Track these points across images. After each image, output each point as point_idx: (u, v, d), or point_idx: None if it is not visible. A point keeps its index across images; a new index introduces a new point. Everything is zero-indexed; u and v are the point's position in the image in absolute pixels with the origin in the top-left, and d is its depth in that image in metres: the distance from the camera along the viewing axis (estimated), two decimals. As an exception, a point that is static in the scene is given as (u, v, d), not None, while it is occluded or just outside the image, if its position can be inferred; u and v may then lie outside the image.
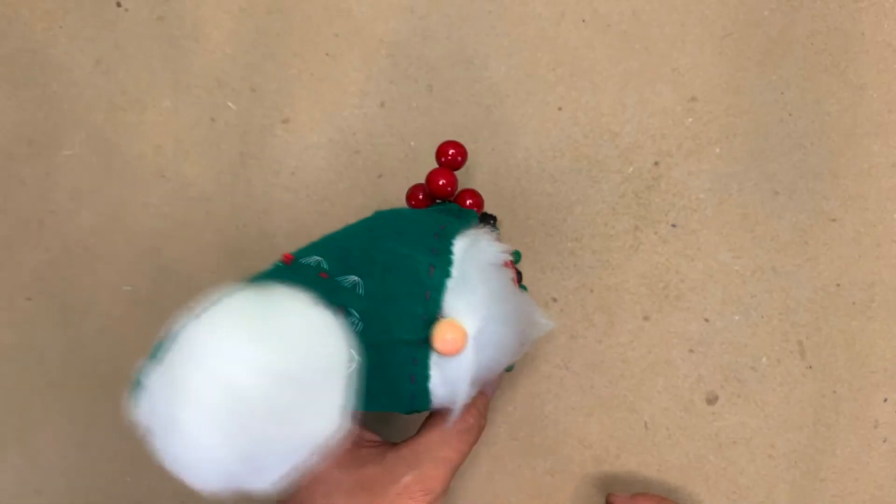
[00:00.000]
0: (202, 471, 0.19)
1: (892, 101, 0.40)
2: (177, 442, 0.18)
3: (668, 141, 0.40)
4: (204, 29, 0.40)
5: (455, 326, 0.24)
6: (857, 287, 0.40)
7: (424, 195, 0.33)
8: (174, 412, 0.18)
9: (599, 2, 0.40)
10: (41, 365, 0.39)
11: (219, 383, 0.18)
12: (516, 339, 0.27)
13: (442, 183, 0.31)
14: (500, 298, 0.26)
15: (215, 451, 0.18)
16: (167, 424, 0.18)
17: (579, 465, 0.39)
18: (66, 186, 0.39)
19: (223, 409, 0.18)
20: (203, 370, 0.18)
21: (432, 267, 0.25)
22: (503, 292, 0.26)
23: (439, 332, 0.24)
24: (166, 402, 0.18)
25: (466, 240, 0.27)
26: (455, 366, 0.25)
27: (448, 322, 0.24)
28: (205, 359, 0.18)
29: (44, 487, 0.39)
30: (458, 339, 0.24)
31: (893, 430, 0.40)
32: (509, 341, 0.26)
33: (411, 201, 0.33)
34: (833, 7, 0.41)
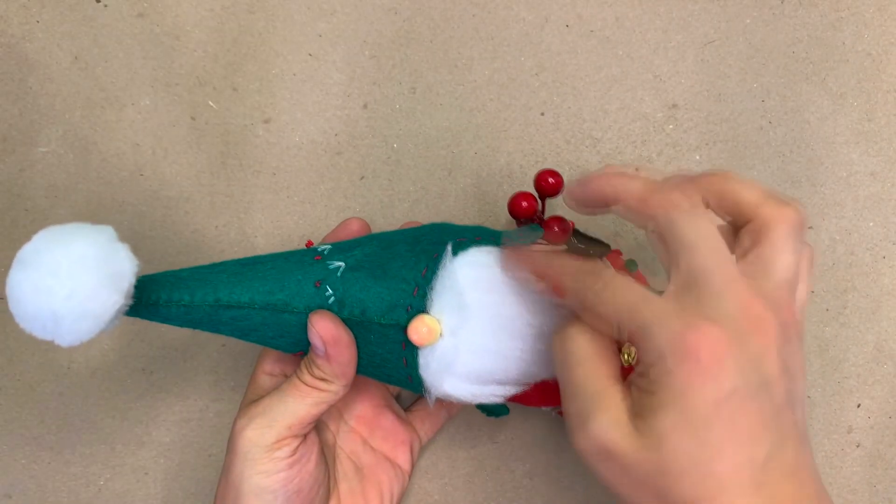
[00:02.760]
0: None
1: (872, 110, 0.41)
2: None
3: (648, 147, 0.40)
4: (185, 27, 0.39)
5: (430, 321, 0.28)
6: (830, 294, 0.40)
7: (529, 202, 0.33)
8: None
9: (583, 7, 0.40)
10: (12, 365, 0.38)
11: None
12: (527, 357, 0.29)
13: (551, 181, 0.33)
14: (490, 310, 0.29)
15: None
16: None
17: (557, 468, 0.39)
18: (41, 184, 0.39)
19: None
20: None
21: (426, 268, 0.29)
22: (498, 306, 0.29)
23: (414, 323, 0.28)
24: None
25: (476, 253, 0.30)
26: (436, 357, 0.29)
27: (425, 318, 0.28)
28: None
29: (13, 492, 0.38)
30: (430, 332, 0.28)
31: (867, 436, 0.40)
32: (508, 353, 0.29)
33: (514, 208, 0.33)
34: (814, 16, 0.41)
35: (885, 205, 0.41)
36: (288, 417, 0.29)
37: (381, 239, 0.31)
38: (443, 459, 0.39)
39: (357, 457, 0.35)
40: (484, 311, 0.29)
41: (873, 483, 0.41)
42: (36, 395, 0.39)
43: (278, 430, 0.29)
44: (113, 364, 0.39)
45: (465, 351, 0.29)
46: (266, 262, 0.30)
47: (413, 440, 0.36)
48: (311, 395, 0.29)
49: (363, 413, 0.36)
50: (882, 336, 0.41)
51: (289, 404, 0.29)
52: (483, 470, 0.39)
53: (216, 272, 0.29)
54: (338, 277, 0.29)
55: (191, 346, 0.39)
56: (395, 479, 0.35)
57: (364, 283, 0.29)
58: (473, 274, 0.29)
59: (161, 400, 0.39)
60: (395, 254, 0.30)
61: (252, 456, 0.28)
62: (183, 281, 0.29)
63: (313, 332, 0.28)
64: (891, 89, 0.41)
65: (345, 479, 0.33)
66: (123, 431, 0.39)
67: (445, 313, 0.29)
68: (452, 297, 0.29)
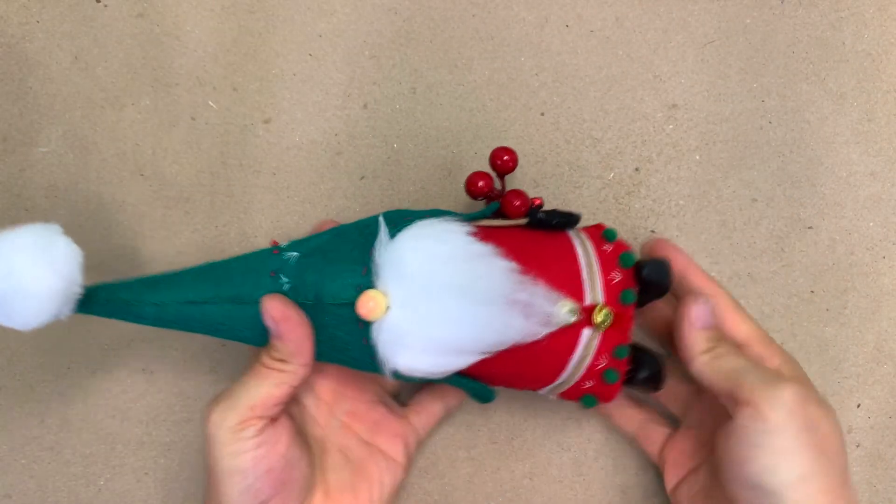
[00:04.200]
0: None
1: (872, 109, 0.41)
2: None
3: (648, 147, 0.40)
4: (185, 26, 0.39)
5: (376, 295, 0.29)
6: (830, 294, 0.40)
7: (485, 181, 0.34)
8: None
9: (583, 7, 0.40)
10: (12, 365, 0.39)
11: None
12: (495, 322, 0.29)
13: (505, 159, 0.34)
14: (437, 279, 0.29)
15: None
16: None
17: (558, 467, 0.39)
18: (41, 184, 0.39)
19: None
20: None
21: (373, 249, 0.30)
22: (444, 274, 0.29)
23: (362, 299, 0.29)
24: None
25: (421, 225, 0.31)
26: (385, 329, 0.29)
27: (371, 293, 0.29)
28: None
29: (13, 491, 0.38)
30: (376, 305, 0.29)
31: (867, 436, 0.40)
32: (459, 319, 0.29)
33: (471, 188, 0.34)
34: (814, 16, 0.41)
35: (885, 205, 0.41)
36: (249, 398, 0.30)
37: (335, 230, 0.33)
38: (443, 459, 0.39)
39: (348, 450, 0.35)
40: (429, 280, 0.29)
41: (873, 483, 0.41)
42: (36, 395, 0.39)
43: (240, 412, 0.30)
44: (113, 364, 0.39)
45: (414, 321, 0.29)
46: (229, 262, 0.32)
47: (407, 433, 0.37)
48: (270, 376, 0.30)
49: (354, 409, 0.36)
50: (882, 336, 0.41)
51: (250, 386, 0.30)
52: (483, 470, 0.39)
53: (182, 274, 0.32)
54: (292, 266, 0.31)
55: (191, 346, 0.39)
56: (388, 472, 0.35)
57: (316, 268, 0.31)
58: (417, 245, 0.30)
59: (161, 400, 0.39)
60: (346, 239, 0.32)
61: (219, 438, 0.29)
62: (153, 283, 0.31)
63: (265, 314, 0.30)
64: (891, 89, 0.41)
65: (334, 471, 0.34)
66: (123, 431, 0.39)
67: (391, 286, 0.29)
68: (395, 270, 0.29)
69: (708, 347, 0.32)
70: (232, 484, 0.29)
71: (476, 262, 0.30)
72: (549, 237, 0.33)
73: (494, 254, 0.30)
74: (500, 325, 0.30)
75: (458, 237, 0.30)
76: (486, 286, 0.29)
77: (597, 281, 0.31)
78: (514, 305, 0.29)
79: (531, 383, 0.33)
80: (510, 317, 0.29)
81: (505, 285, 0.29)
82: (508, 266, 0.30)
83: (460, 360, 0.31)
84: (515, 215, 0.33)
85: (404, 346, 0.30)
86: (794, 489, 0.28)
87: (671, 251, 0.35)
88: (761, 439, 0.29)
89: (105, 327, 0.39)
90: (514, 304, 0.29)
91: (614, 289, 0.32)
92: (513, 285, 0.30)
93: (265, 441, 0.30)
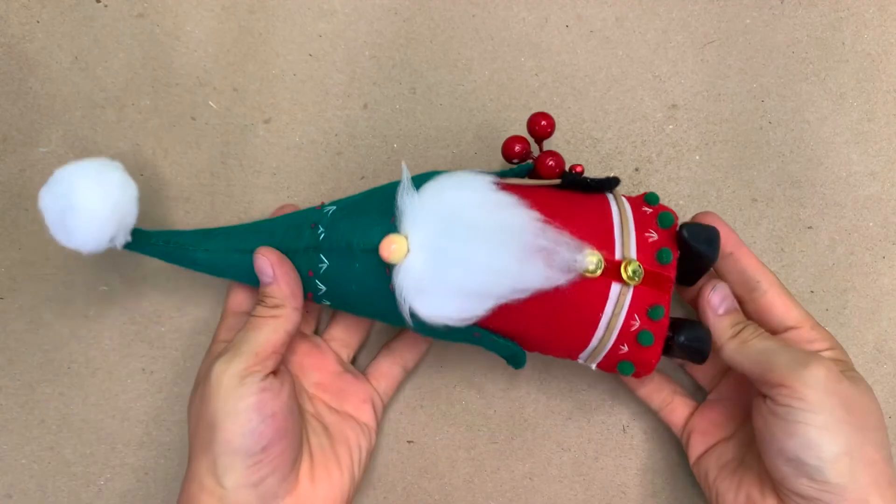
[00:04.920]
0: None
1: (872, 110, 0.41)
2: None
3: (648, 147, 0.40)
4: (185, 27, 0.39)
5: (397, 239, 0.29)
6: (830, 294, 0.40)
7: (522, 145, 0.34)
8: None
9: (583, 7, 0.40)
10: (12, 365, 0.38)
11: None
12: (514, 265, 0.29)
13: (543, 124, 0.34)
14: (457, 223, 0.30)
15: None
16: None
17: (558, 467, 0.39)
18: (41, 184, 0.38)
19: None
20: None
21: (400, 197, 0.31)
22: (474, 218, 0.30)
23: (384, 242, 0.30)
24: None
25: (448, 176, 0.31)
26: (406, 271, 0.29)
27: (393, 236, 0.30)
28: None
29: (13, 491, 0.38)
30: (399, 248, 0.29)
31: (866, 435, 0.40)
32: (489, 263, 0.29)
33: (507, 152, 0.34)
34: (814, 16, 0.41)
35: (885, 205, 0.41)
36: (252, 345, 0.31)
37: (373, 189, 0.34)
38: (443, 459, 0.39)
39: (322, 418, 0.36)
40: (448, 224, 0.30)
41: (873, 483, 0.41)
42: (36, 395, 0.39)
43: (245, 358, 0.31)
44: (113, 364, 0.39)
45: (432, 264, 0.29)
46: (277, 219, 0.35)
47: (374, 397, 0.37)
48: (268, 323, 0.32)
49: (320, 380, 0.37)
50: (882, 336, 0.41)
51: (252, 336, 0.31)
52: (483, 470, 0.39)
53: (235, 228, 0.35)
54: (328, 218, 0.33)
55: (191, 346, 0.39)
56: (362, 436, 0.36)
57: (350, 219, 0.32)
58: (439, 191, 0.30)
59: (161, 400, 0.39)
60: (380, 195, 0.33)
61: (224, 384, 0.30)
62: (208, 233, 0.35)
63: (261, 261, 0.32)
64: (891, 89, 0.41)
65: (314, 436, 0.34)
66: (123, 431, 0.39)
67: (411, 230, 0.30)
68: (415, 214, 0.30)
69: (734, 333, 0.32)
70: (235, 426, 0.30)
71: (498, 209, 0.30)
72: (583, 196, 0.32)
73: (518, 204, 0.30)
74: (520, 269, 0.29)
75: (482, 185, 0.31)
76: (507, 231, 0.29)
77: (630, 237, 0.31)
78: (536, 250, 0.29)
79: (565, 346, 0.33)
80: (531, 261, 0.29)
81: (526, 231, 0.29)
82: (532, 215, 0.30)
83: (480, 305, 0.30)
84: (549, 175, 0.32)
85: (423, 290, 0.30)
86: (835, 463, 0.29)
87: (721, 227, 0.34)
88: (800, 416, 0.29)
89: (105, 327, 0.39)
90: (535, 249, 0.29)
91: (650, 247, 0.31)
92: (535, 231, 0.29)
93: (269, 387, 0.31)
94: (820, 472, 0.29)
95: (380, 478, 0.39)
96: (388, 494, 0.39)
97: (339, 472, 0.34)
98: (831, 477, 0.29)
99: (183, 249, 0.34)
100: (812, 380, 0.29)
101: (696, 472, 0.36)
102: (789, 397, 0.30)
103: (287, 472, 0.31)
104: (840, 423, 0.29)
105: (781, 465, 0.30)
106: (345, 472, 0.34)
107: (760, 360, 0.31)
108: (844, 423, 0.29)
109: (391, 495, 0.39)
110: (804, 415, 0.29)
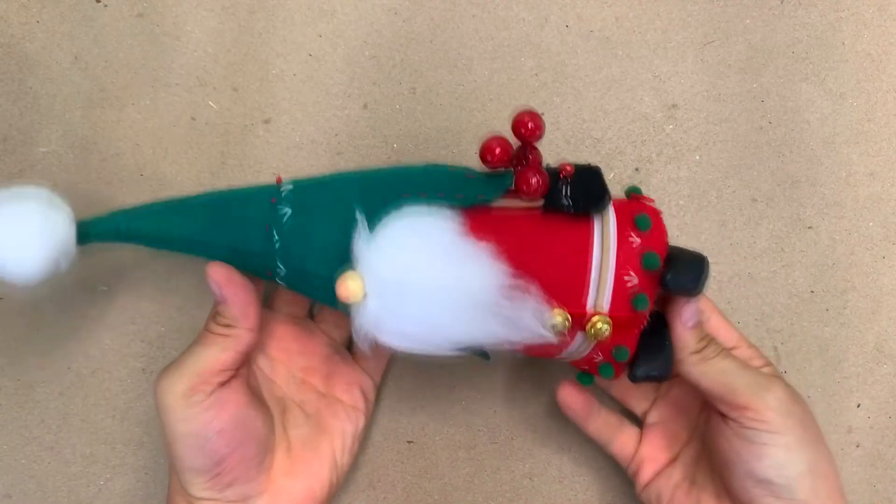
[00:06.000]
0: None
1: (872, 110, 0.41)
2: None
3: (648, 147, 0.40)
4: (185, 26, 0.39)
5: (353, 279, 0.28)
6: (830, 294, 0.40)
7: (503, 147, 0.30)
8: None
9: (583, 7, 0.40)
10: (12, 365, 0.39)
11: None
12: (474, 327, 0.28)
13: (530, 125, 0.30)
14: (421, 277, 0.28)
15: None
16: None
17: (558, 468, 0.40)
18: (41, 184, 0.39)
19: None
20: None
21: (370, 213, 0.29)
22: (433, 275, 0.28)
23: (340, 283, 0.28)
24: None
25: (408, 217, 0.29)
26: (364, 315, 0.28)
27: (349, 276, 0.28)
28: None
29: (13, 492, 0.38)
30: (355, 290, 0.28)
31: (866, 436, 0.41)
32: (450, 322, 0.28)
33: (487, 156, 0.30)
34: (814, 16, 0.41)
35: (885, 205, 0.41)
36: (197, 365, 0.30)
37: (335, 182, 0.31)
38: (443, 459, 0.39)
39: (307, 405, 0.35)
40: (406, 278, 0.28)
41: (873, 483, 0.41)
42: (36, 395, 0.39)
43: (189, 378, 0.30)
44: (113, 364, 0.39)
45: (390, 314, 0.28)
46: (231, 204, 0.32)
47: (363, 380, 0.37)
48: (216, 341, 0.30)
49: (309, 364, 0.36)
50: (882, 336, 0.41)
51: (198, 353, 0.30)
52: (483, 470, 0.39)
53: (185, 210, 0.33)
54: (284, 226, 0.30)
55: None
56: (349, 420, 0.36)
57: (306, 235, 0.30)
58: (396, 240, 0.28)
59: (161, 400, 0.39)
60: (340, 199, 0.30)
61: (169, 405, 0.30)
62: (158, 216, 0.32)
63: (209, 279, 0.30)
64: (891, 89, 0.41)
65: (296, 428, 0.34)
66: (123, 431, 0.39)
67: (367, 276, 0.28)
68: (371, 263, 0.28)
69: (697, 348, 0.32)
70: (186, 447, 0.30)
71: (460, 265, 0.28)
72: (565, 223, 0.30)
73: (486, 254, 0.28)
74: (479, 331, 0.29)
75: (445, 234, 0.28)
76: (467, 295, 0.28)
77: (607, 284, 0.29)
78: (497, 318, 0.28)
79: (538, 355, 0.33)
80: (491, 324, 0.28)
81: (489, 299, 0.28)
82: (499, 271, 0.28)
83: (441, 350, 0.29)
84: (530, 196, 0.29)
85: (383, 329, 0.29)
86: (802, 480, 0.30)
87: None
88: (766, 438, 0.30)
89: (105, 327, 0.39)
90: (496, 316, 0.28)
91: (627, 292, 0.29)
92: (497, 300, 0.28)
93: (214, 404, 0.30)
94: (789, 491, 0.30)
95: (380, 478, 0.39)
96: (388, 494, 0.39)
97: (319, 464, 0.34)
98: (798, 494, 0.30)
99: (137, 240, 0.32)
100: (774, 402, 0.30)
101: (644, 499, 0.36)
102: (754, 420, 0.30)
103: (254, 474, 0.32)
104: (801, 441, 0.30)
105: (750, 487, 0.31)
106: (325, 463, 0.34)
107: (721, 381, 0.31)
108: (804, 442, 0.31)
109: (391, 495, 0.39)
110: (770, 437, 0.30)
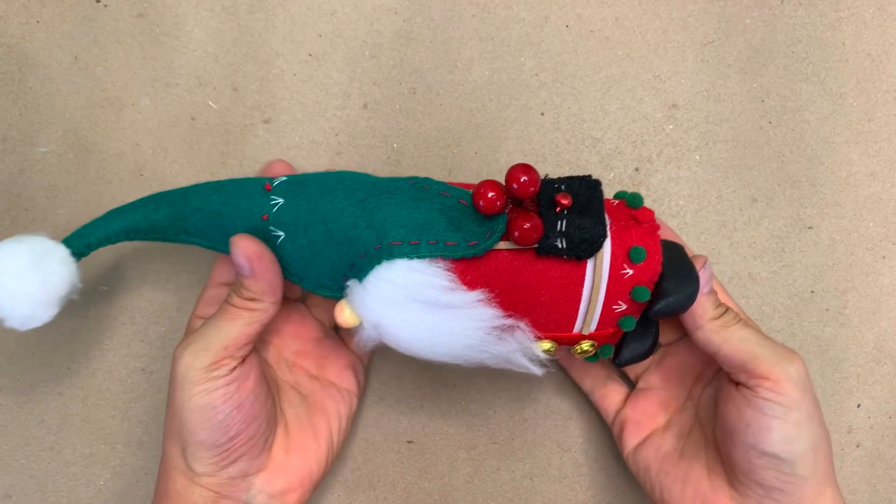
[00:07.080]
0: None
1: (872, 110, 0.41)
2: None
3: (648, 147, 0.40)
4: (185, 26, 0.39)
5: (349, 315, 0.31)
6: (830, 294, 0.40)
7: (497, 193, 0.29)
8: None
9: (583, 8, 0.40)
10: (12, 365, 0.39)
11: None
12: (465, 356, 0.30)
13: (523, 180, 0.29)
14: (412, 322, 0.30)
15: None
16: None
17: (558, 468, 0.39)
18: (41, 184, 0.39)
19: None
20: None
21: (352, 264, 0.30)
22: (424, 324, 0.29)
23: (337, 309, 0.31)
24: None
25: (397, 272, 0.29)
26: (362, 335, 0.31)
27: (344, 305, 0.31)
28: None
29: (13, 492, 0.38)
30: (351, 318, 0.31)
31: (867, 436, 0.41)
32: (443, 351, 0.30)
33: (479, 200, 0.29)
34: (814, 16, 0.41)
35: (885, 205, 0.41)
36: (223, 339, 0.30)
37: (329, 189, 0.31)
38: (443, 459, 0.39)
39: (300, 387, 0.36)
40: (398, 322, 0.30)
41: (873, 483, 0.41)
42: (36, 395, 0.39)
43: (214, 352, 0.30)
44: (113, 364, 0.39)
45: (388, 339, 0.30)
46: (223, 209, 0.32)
47: (354, 362, 0.37)
48: (242, 315, 0.31)
49: (301, 348, 0.37)
50: (882, 336, 0.41)
51: (222, 327, 0.30)
52: (483, 470, 0.39)
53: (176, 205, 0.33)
54: (277, 247, 0.31)
55: (191, 346, 0.39)
56: (343, 402, 0.36)
57: (302, 251, 0.31)
58: (386, 294, 0.29)
59: (161, 400, 0.39)
60: (340, 226, 0.30)
61: (191, 378, 0.30)
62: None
63: (237, 253, 0.30)
64: (891, 89, 0.41)
65: (291, 407, 0.35)
66: (123, 431, 0.39)
67: (361, 314, 0.30)
68: (363, 308, 0.30)
69: (716, 314, 0.32)
70: (203, 420, 0.30)
71: (450, 317, 0.29)
72: (559, 263, 0.29)
73: (476, 302, 0.29)
74: (471, 361, 0.30)
75: (433, 292, 0.29)
76: (458, 337, 0.29)
77: (595, 313, 0.30)
78: (484, 353, 0.30)
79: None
80: (481, 357, 0.30)
81: (478, 338, 0.29)
82: (489, 316, 0.29)
83: (442, 361, 0.31)
84: (522, 244, 0.29)
85: (383, 340, 0.31)
86: (805, 457, 0.30)
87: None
88: (779, 412, 0.30)
89: (105, 327, 0.39)
90: (484, 353, 0.30)
91: (614, 316, 0.31)
92: (487, 337, 0.29)
93: (235, 379, 0.30)
94: (791, 466, 0.30)
95: (380, 478, 0.39)
96: (388, 494, 0.39)
97: (315, 443, 0.34)
98: (800, 470, 0.30)
99: (128, 236, 0.32)
100: (795, 375, 0.30)
101: (631, 465, 0.36)
102: (772, 391, 0.30)
103: (258, 452, 0.32)
104: (810, 419, 0.30)
105: (753, 458, 0.30)
106: (322, 442, 0.34)
107: (744, 349, 0.31)
108: (813, 420, 0.30)
109: (391, 495, 0.39)
110: (784, 410, 0.30)
